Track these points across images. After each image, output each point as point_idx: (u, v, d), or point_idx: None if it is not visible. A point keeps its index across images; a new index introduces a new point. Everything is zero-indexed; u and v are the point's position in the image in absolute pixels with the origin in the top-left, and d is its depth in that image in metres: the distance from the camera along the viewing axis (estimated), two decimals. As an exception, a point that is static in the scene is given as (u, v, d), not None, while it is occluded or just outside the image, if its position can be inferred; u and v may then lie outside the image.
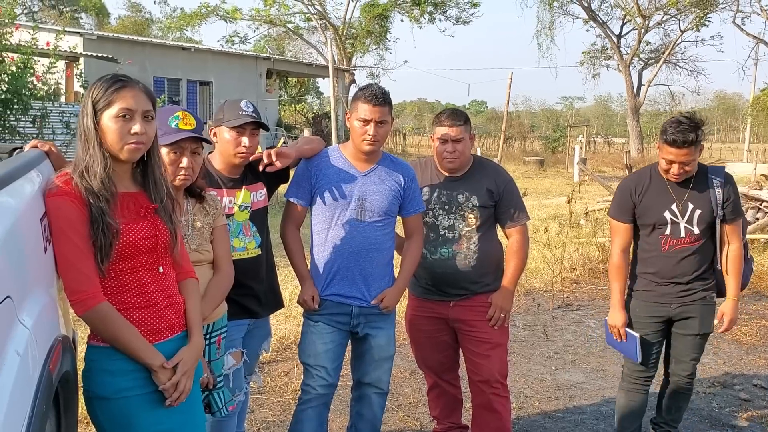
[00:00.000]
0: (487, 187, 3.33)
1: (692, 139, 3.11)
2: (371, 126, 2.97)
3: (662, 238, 3.33)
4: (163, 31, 36.52)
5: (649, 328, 3.41)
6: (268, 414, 4.03)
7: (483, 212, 3.32)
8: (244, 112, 2.86)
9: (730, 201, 3.29)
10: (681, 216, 3.29)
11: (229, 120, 2.85)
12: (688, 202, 3.28)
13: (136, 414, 2.04)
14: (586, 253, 8.13)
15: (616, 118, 60.36)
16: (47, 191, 1.98)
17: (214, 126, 2.93)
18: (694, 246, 3.30)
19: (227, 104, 2.93)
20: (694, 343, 3.41)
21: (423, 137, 43.21)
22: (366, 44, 36.08)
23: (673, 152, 3.16)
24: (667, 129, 3.18)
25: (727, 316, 3.38)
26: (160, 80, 22.05)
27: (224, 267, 2.63)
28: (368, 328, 3.13)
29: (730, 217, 3.30)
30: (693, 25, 31.11)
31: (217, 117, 2.92)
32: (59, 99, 12.52)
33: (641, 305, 3.43)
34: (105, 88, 2.01)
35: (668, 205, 3.30)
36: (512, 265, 3.39)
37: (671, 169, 3.22)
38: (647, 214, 3.35)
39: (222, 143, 2.89)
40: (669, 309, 3.37)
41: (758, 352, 5.41)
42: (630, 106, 32.48)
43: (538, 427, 4.01)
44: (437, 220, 3.35)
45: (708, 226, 3.29)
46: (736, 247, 3.35)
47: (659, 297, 3.37)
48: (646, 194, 3.35)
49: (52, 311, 1.99)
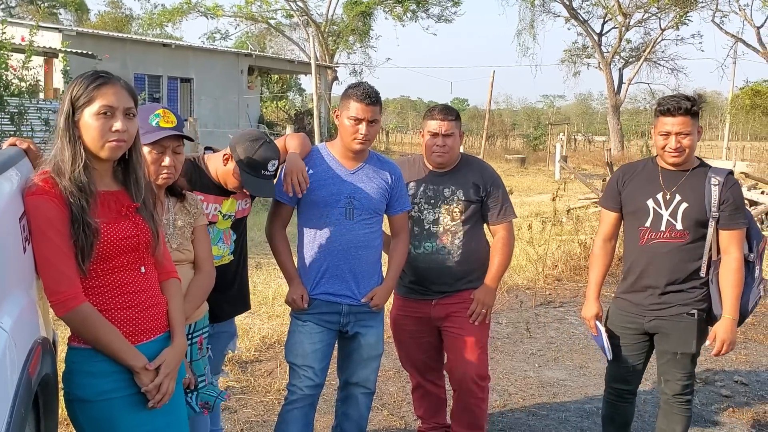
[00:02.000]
0: (473, 182, 3.33)
1: (687, 107, 2.96)
2: (363, 125, 2.96)
3: (641, 230, 3.12)
4: (143, 28, 36.16)
5: (625, 339, 3.24)
6: (252, 414, 4.00)
7: (468, 206, 3.32)
8: (268, 172, 2.78)
9: (728, 204, 2.99)
10: (665, 207, 3.06)
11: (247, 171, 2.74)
12: (676, 194, 3.05)
13: (118, 416, 2.01)
14: (568, 250, 8.17)
15: (597, 116, 60.73)
16: (26, 190, 1.94)
17: (229, 154, 2.79)
18: (674, 243, 3.05)
19: (248, 146, 2.76)
20: (675, 361, 3.13)
21: (406, 135, 43.23)
22: (349, 42, 36.00)
23: (669, 122, 2.99)
24: (661, 102, 3.06)
25: (718, 337, 3.01)
26: (140, 77, 21.82)
27: (205, 267, 2.61)
28: (358, 327, 3.12)
29: (727, 223, 3.00)
30: (673, 24, 31.36)
31: (238, 152, 2.76)
32: (37, 95, 12.36)
33: (617, 314, 3.27)
34: (86, 84, 1.97)
35: (653, 194, 3.09)
36: (496, 261, 3.38)
37: (668, 144, 3.01)
38: (630, 201, 3.17)
39: (229, 175, 2.80)
40: (643, 321, 3.15)
41: (738, 349, 5.45)
42: (610, 104, 32.67)
43: (522, 425, 4.01)
44: (422, 214, 3.34)
45: (695, 226, 3.02)
46: (734, 258, 3.00)
47: (633, 306, 3.17)
48: (633, 180, 3.19)
49: (31, 313, 1.95)
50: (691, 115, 2.99)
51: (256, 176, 2.76)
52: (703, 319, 3.10)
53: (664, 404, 3.27)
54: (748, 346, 5.57)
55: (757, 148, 32.19)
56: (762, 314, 6.37)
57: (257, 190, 2.82)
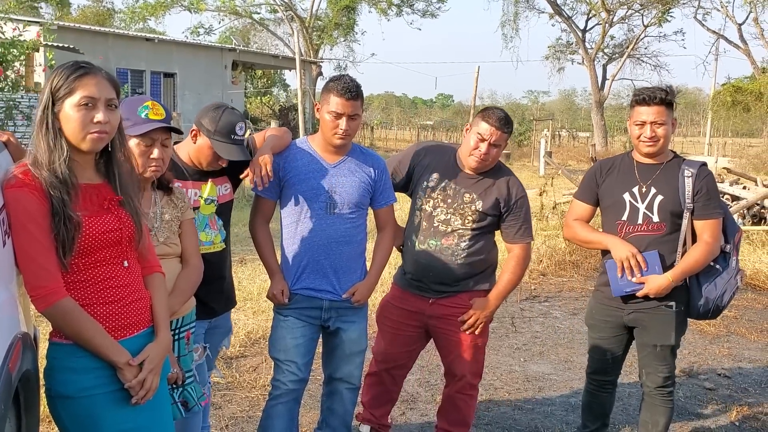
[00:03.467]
0: (496, 197, 3.19)
1: (662, 97, 3.02)
2: (343, 120, 2.90)
3: (618, 224, 3.15)
4: (125, 22, 35.85)
5: (605, 332, 3.29)
6: (237, 410, 3.97)
7: (483, 217, 3.20)
8: (237, 137, 2.76)
9: (702, 194, 3.05)
10: (641, 200, 3.10)
11: (217, 138, 2.73)
12: (652, 187, 3.10)
13: (100, 413, 1.98)
14: (552, 245, 8.20)
15: (581, 112, 61.05)
16: (6, 183, 1.90)
17: (197, 129, 2.78)
18: (651, 236, 3.09)
19: (212, 116, 2.76)
20: (655, 354, 3.18)
21: (390, 131, 43.18)
22: (333, 36, 35.92)
23: (644, 111, 3.04)
24: (636, 92, 3.13)
25: (647, 285, 3.04)
26: (123, 71, 21.66)
27: (193, 260, 2.57)
28: (339, 322, 3.09)
29: (701, 213, 3.05)
30: (656, 21, 31.57)
31: (204, 124, 2.76)
32: (18, 89, 12.22)
33: (597, 307, 3.31)
34: (66, 75, 1.94)
35: (629, 187, 3.13)
36: (505, 278, 3.25)
37: (643, 133, 3.06)
38: (607, 195, 3.20)
39: (202, 149, 2.78)
40: (622, 315, 3.20)
41: (721, 342, 5.50)
42: (594, 100, 32.85)
43: (508, 419, 4.02)
44: (435, 210, 3.23)
45: (671, 218, 3.07)
46: (705, 242, 3.04)
47: (612, 300, 3.19)
48: (611, 175, 3.23)
49: (11, 307, 1.92)
50: (666, 105, 3.06)
51: (228, 142, 2.75)
52: (681, 311, 3.14)
53: (646, 397, 3.32)
54: (731, 339, 5.61)
55: (739, 143, 32.52)
56: (744, 308, 6.43)
57: (232, 155, 2.77)
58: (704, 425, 4.03)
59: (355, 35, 37.00)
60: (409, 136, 41.85)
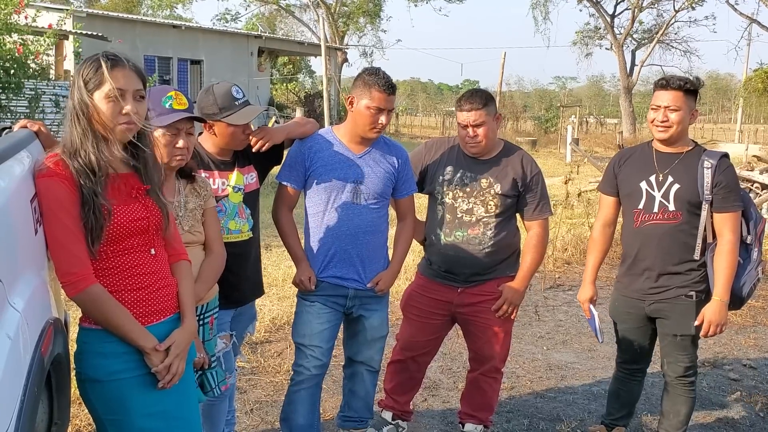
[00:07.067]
0: (513, 177, 3.21)
1: (681, 84, 3.01)
2: (384, 115, 2.95)
3: (635, 213, 3.15)
4: (153, 9, 36.09)
5: (628, 323, 3.31)
6: (261, 394, 4.04)
7: (504, 201, 3.22)
8: (239, 100, 2.78)
9: (721, 186, 3.01)
10: (657, 188, 3.09)
11: (226, 114, 2.74)
12: (669, 176, 3.08)
13: (129, 396, 2.04)
14: (578, 233, 8.15)
15: (609, 98, 60.27)
16: (37, 172, 1.95)
17: (206, 122, 2.78)
18: (667, 225, 3.07)
19: (205, 98, 2.78)
20: (676, 343, 3.19)
21: (416, 117, 43.03)
22: (359, 23, 35.81)
23: (661, 95, 3.05)
24: (659, 79, 3.16)
25: (706, 319, 3.03)
26: (150, 59, 21.82)
27: (216, 248, 2.61)
28: (362, 310, 3.14)
29: (720, 205, 3.02)
30: (687, 5, 31.01)
31: (207, 111, 2.77)
32: (49, 77, 12.40)
33: (619, 299, 3.32)
34: (95, 67, 1.98)
35: (646, 176, 3.13)
36: (529, 258, 3.29)
37: (657, 117, 3.05)
38: (625, 184, 3.21)
39: (223, 134, 2.80)
40: (643, 306, 3.20)
41: (747, 333, 5.45)
42: (623, 86, 32.43)
43: (530, 407, 4.03)
44: (456, 202, 3.25)
45: (687, 207, 3.05)
46: (727, 240, 3.01)
47: (633, 292, 3.21)
48: (628, 163, 3.23)
49: (43, 293, 1.98)
50: (685, 92, 3.03)
51: (236, 109, 2.76)
52: (702, 300, 3.12)
53: (668, 387, 3.33)
54: (758, 330, 5.55)
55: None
56: (772, 298, 6.35)
57: (248, 116, 2.78)
58: (728, 415, 4.01)
59: (381, 21, 36.87)
60: (434, 122, 41.69)
